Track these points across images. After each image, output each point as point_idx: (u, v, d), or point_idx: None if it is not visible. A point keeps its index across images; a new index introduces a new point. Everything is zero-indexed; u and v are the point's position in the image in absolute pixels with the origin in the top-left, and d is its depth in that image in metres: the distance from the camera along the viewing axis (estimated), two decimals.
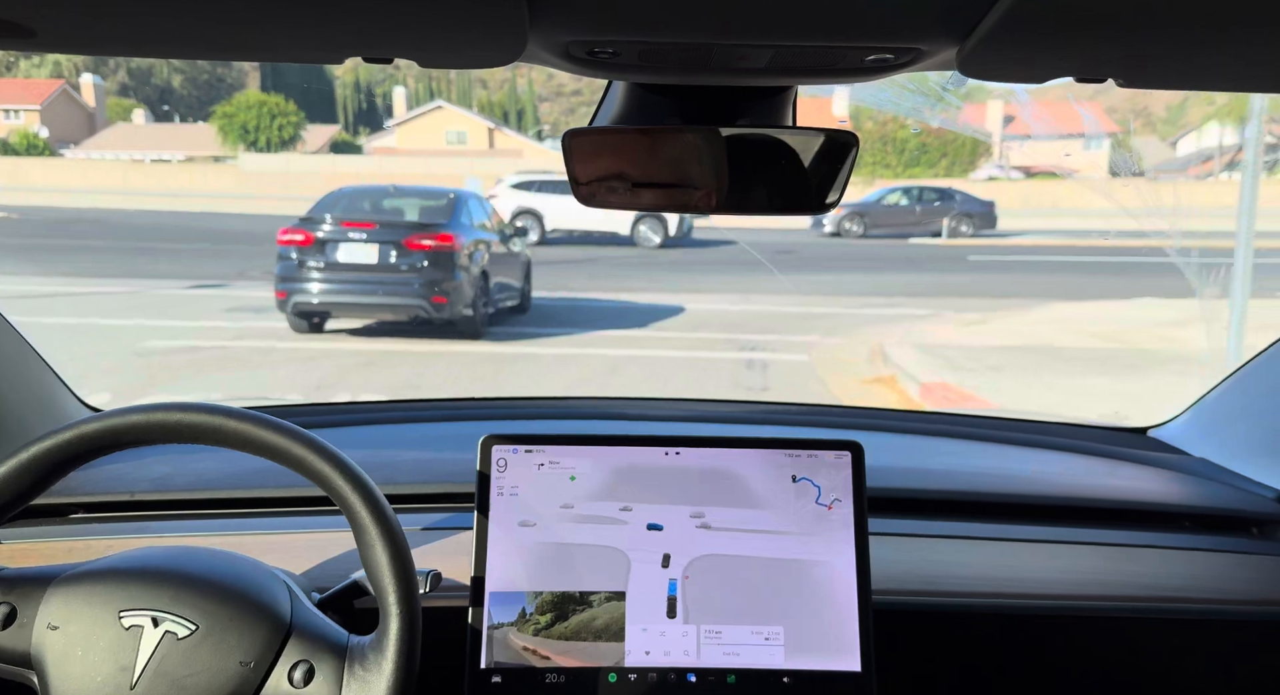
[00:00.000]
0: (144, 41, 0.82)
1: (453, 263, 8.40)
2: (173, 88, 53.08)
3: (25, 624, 0.92)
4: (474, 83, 53.15)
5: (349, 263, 8.34)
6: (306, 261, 8.29)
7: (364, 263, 8.34)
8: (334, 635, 0.94)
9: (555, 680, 1.08)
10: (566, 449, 1.15)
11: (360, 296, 8.43)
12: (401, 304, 8.48)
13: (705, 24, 0.76)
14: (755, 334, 9.30)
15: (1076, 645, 1.24)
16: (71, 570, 0.96)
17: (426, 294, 8.31)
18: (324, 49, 0.80)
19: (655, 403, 1.80)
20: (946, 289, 12.46)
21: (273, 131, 40.06)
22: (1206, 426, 1.65)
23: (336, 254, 8.35)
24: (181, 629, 0.90)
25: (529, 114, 53.18)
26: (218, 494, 1.36)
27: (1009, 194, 26.80)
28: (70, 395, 1.56)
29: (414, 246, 8.36)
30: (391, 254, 8.33)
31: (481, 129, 44.24)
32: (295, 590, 0.98)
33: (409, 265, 8.33)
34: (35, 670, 0.92)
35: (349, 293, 8.40)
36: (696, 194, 1.07)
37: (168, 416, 0.92)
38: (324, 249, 8.33)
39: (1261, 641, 1.27)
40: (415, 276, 8.34)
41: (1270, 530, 1.41)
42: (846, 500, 1.14)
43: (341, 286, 8.39)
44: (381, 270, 8.34)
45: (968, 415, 1.79)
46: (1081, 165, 28.37)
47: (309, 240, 8.35)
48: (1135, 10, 0.65)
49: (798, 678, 1.09)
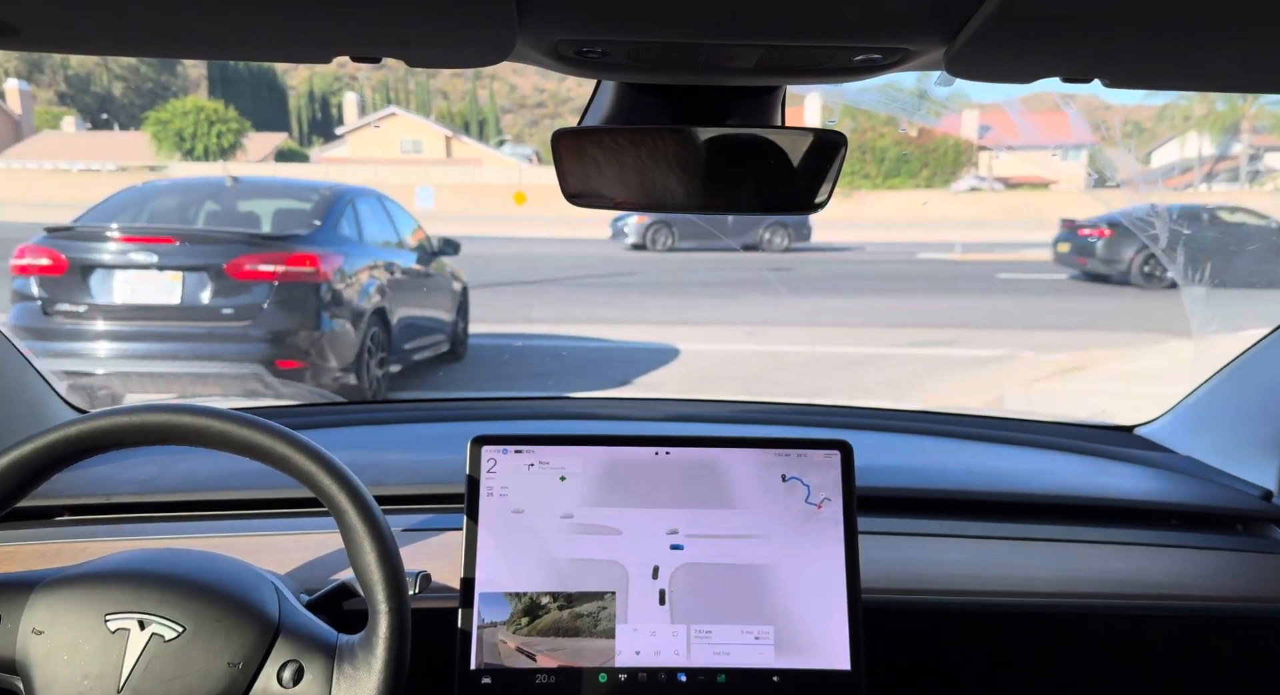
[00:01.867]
0: (129, 40, 0.84)
1: (316, 299, 5.30)
2: (113, 96, 52.56)
3: (10, 629, 0.94)
4: (434, 93, 53.08)
5: (133, 304, 5.17)
6: (58, 303, 5.15)
7: (158, 303, 5.17)
8: (323, 635, 0.97)
9: (545, 681, 1.12)
10: (556, 449, 1.20)
11: (150, 362, 5.14)
12: (222, 373, 5.20)
13: (694, 24, 0.79)
14: (789, 392, 7.23)
15: (1064, 642, 1.29)
16: (56, 575, 0.98)
17: (266, 354, 5.16)
18: (311, 48, 0.82)
19: (645, 403, 1.85)
20: (984, 317, 10.87)
21: (211, 139, 38.84)
22: (1192, 424, 1.71)
23: (111, 290, 5.17)
24: (168, 631, 0.93)
25: (490, 125, 53.17)
26: (204, 496, 1.39)
27: (992, 206, 26.99)
28: (56, 397, 1.60)
29: (242, 275, 5.19)
30: (205, 289, 5.19)
31: (439, 137, 43.74)
32: (283, 590, 1.01)
33: (235, 306, 5.18)
34: (20, 675, 0.94)
35: (132, 356, 5.15)
36: (685, 193, 1.10)
37: (154, 418, 0.96)
38: (87, 282, 5.16)
39: (1247, 637, 1.32)
40: (246, 325, 5.17)
41: (1255, 527, 1.47)
42: (836, 499, 1.19)
43: (120, 346, 5.15)
44: (188, 316, 5.18)
45: (955, 414, 1.84)
46: (1059, 176, 28.78)
47: (61, 267, 5.15)
48: (1122, 11, 0.69)
49: (788, 677, 1.14)
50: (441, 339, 7.14)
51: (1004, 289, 13.57)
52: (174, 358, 5.15)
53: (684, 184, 1.09)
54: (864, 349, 8.80)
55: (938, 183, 29.39)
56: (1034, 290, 13.32)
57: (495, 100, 55.90)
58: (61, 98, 51.60)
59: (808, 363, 8.27)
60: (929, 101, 2.57)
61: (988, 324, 10.34)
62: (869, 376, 7.79)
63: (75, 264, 5.13)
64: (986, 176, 30.27)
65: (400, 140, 41.72)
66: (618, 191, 1.09)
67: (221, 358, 5.16)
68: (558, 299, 11.73)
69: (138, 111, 47.57)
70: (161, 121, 39.86)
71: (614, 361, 8.11)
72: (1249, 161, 26.34)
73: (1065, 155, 28.06)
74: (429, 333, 6.92)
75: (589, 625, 1.14)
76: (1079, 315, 11.36)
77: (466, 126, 50.63)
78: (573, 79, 1.07)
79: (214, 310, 5.15)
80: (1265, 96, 22.31)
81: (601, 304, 11.14)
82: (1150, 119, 20.12)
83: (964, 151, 29.59)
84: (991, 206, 26.83)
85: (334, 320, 5.39)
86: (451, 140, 43.63)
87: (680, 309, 11.05)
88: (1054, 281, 14.13)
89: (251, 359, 5.15)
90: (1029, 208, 26.18)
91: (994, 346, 9.04)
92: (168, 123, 39.62)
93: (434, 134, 43.76)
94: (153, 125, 40.21)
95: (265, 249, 5.30)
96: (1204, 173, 24.89)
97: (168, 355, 5.12)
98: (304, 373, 5.25)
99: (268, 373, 5.15)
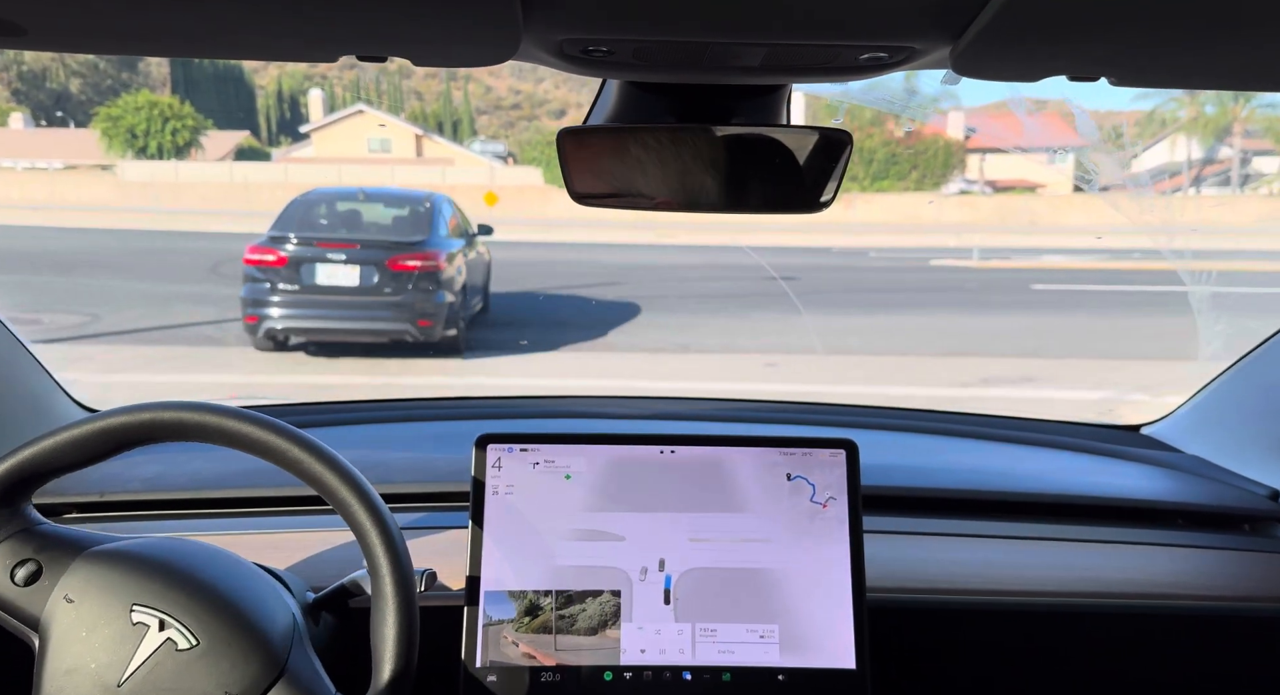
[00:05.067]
0: (135, 40, 0.86)
1: (437, 283, 8.42)
2: (70, 92, 52.06)
3: (46, 587, 0.98)
4: (408, 93, 52.98)
5: (329, 285, 8.26)
6: (279, 284, 8.22)
7: (345, 285, 8.27)
8: (322, 691, 0.99)
9: (551, 679, 1.16)
10: (562, 448, 1.23)
11: (342, 321, 8.36)
12: (385, 328, 8.41)
13: (700, 23, 0.81)
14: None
15: (1070, 642, 1.33)
16: (102, 546, 1.02)
17: (412, 318, 8.31)
18: (316, 47, 0.84)
19: (650, 401, 1.88)
20: (1047, 340, 9.39)
21: (165, 136, 36.99)
22: (1199, 424, 1.75)
23: (315, 276, 8.26)
24: (183, 640, 0.96)
25: (465, 126, 53.08)
26: (211, 493, 1.43)
27: (984, 209, 27.03)
28: (64, 395, 1.63)
29: (398, 268, 8.30)
30: (375, 276, 8.30)
31: (408, 136, 43.40)
32: (301, 630, 1.03)
33: (393, 288, 8.31)
34: (39, 636, 0.98)
35: (329, 318, 8.35)
36: (691, 193, 1.13)
37: (163, 415, 0.99)
38: (299, 270, 8.24)
39: (1253, 637, 1.36)
40: (400, 299, 8.31)
41: (1263, 527, 1.51)
42: (841, 498, 1.23)
43: (321, 311, 8.33)
44: (364, 293, 8.31)
45: (961, 414, 1.88)
46: (1046, 179, 28.91)
47: (282, 261, 8.24)
48: (1128, 9, 0.71)
49: (793, 675, 1.17)
50: (480, 299, 10.06)
51: (1045, 303, 12.23)
52: (354, 319, 8.36)
53: (689, 183, 1.11)
54: (925, 391, 7.24)
55: (927, 185, 29.43)
56: (1081, 304, 12.01)
57: (470, 101, 55.85)
58: (16, 95, 51.14)
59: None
60: (918, 97, 2.59)
61: (1057, 350, 8.81)
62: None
63: (291, 259, 8.25)
64: (977, 179, 30.41)
65: (368, 139, 41.26)
66: (623, 191, 1.12)
67: (384, 319, 8.36)
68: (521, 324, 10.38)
69: (94, 109, 46.88)
70: (112, 118, 37.96)
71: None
72: (1240, 165, 26.61)
73: (1053, 159, 28.28)
74: (478, 294, 9.88)
75: (594, 624, 1.18)
76: (1155, 338, 9.43)
77: (440, 127, 50.44)
78: (549, 81, 1.08)
79: (379, 289, 8.32)
80: (1257, 99, 22.02)
81: (583, 325, 10.16)
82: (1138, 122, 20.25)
83: (954, 153, 29.67)
84: (984, 210, 26.83)
85: (445, 294, 8.44)
86: (422, 139, 43.24)
87: (680, 330, 9.95)
88: (1097, 294, 12.79)
89: (403, 320, 8.29)
90: (1022, 211, 26.27)
91: (1086, 384, 7.58)
92: (119, 119, 37.76)
93: (405, 133, 43.41)
94: (103, 121, 38.34)
95: (408, 250, 8.50)
96: (1193, 176, 25.08)
97: (350, 318, 8.36)
98: (430, 329, 8.33)
99: (413, 327, 8.31)
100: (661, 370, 8.45)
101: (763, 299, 11.97)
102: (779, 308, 11.25)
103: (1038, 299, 12.50)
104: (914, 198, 27.78)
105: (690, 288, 13.10)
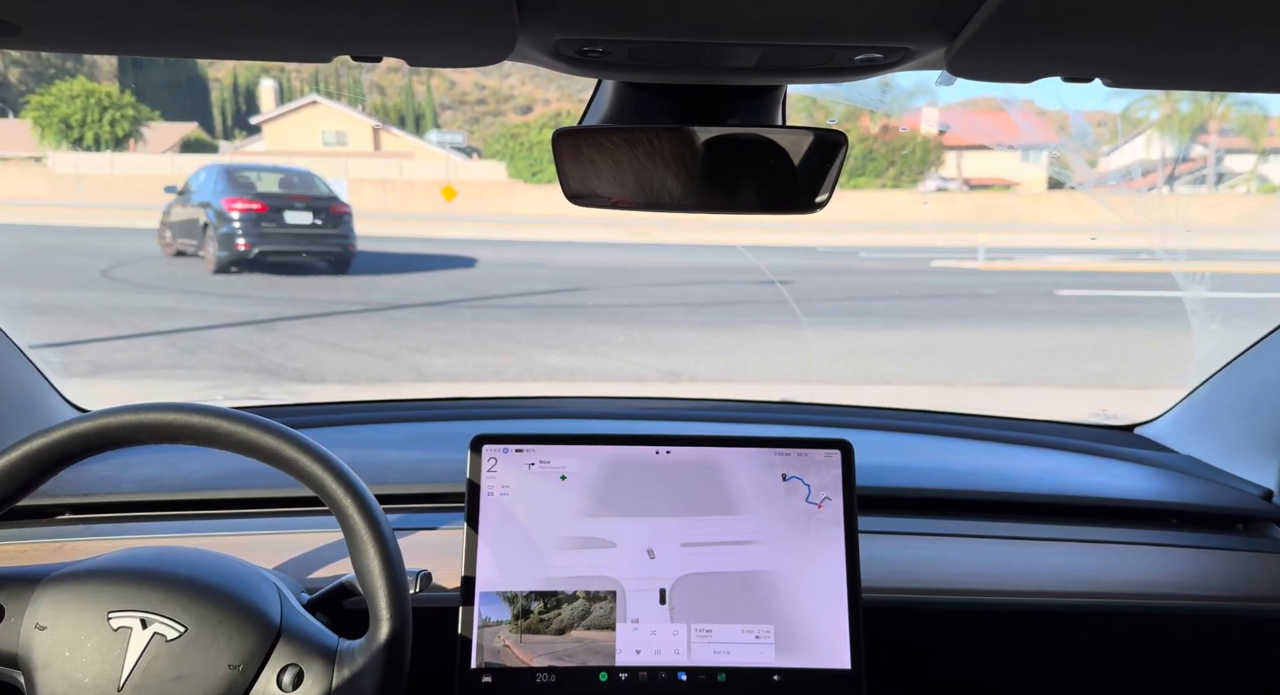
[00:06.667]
0: (131, 40, 0.88)
1: (349, 222, 13.45)
2: (9, 82, 51.21)
3: (13, 624, 0.99)
4: (371, 87, 52.57)
5: (292, 223, 12.96)
6: (261, 223, 12.76)
7: (304, 223, 13.04)
8: (324, 639, 1.02)
9: (546, 680, 1.18)
10: (557, 448, 1.26)
11: (303, 246, 13.23)
12: (328, 251, 13.37)
13: (695, 24, 0.83)
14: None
15: (1064, 641, 1.36)
16: (60, 570, 1.03)
17: (344, 243, 13.36)
18: (312, 47, 0.86)
19: (646, 402, 1.92)
20: (1114, 365, 8.17)
21: (103, 127, 35.41)
22: (1193, 424, 1.79)
23: (285, 219, 12.91)
24: (170, 631, 0.98)
25: (428, 120, 52.76)
26: (206, 495, 1.45)
27: (963, 207, 27.22)
28: (56, 395, 1.64)
29: (334, 212, 13.27)
30: (321, 217, 13.15)
31: (365, 129, 42.82)
32: (285, 593, 1.06)
33: (331, 224, 13.26)
34: (22, 671, 0.99)
35: (293, 245, 13.09)
36: (685, 193, 1.15)
37: (158, 416, 1.01)
38: (275, 214, 12.86)
39: (1247, 637, 1.40)
40: (338, 232, 13.32)
41: (1256, 527, 1.55)
42: (836, 498, 1.26)
43: (289, 244, 13.05)
44: (316, 229, 13.15)
45: (956, 414, 1.92)
46: (1022, 177, 29.17)
47: (263, 207, 12.79)
48: (1123, 10, 0.73)
49: (788, 676, 1.20)
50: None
51: (1079, 312, 11.15)
52: (310, 243, 13.28)
53: (685, 184, 1.13)
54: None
55: (905, 182, 29.63)
56: (1124, 313, 10.90)
57: (434, 96, 55.58)
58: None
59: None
60: (892, 91, 2.62)
61: (1128, 377, 7.51)
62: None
63: (270, 206, 12.87)
64: (954, 177, 30.63)
65: (322, 131, 40.66)
66: (618, 191, 1.14)
67: (328, 244, 13.38)
68: (462, 341, 8.98)
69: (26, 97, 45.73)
70: (45, 107, 35.95)
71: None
72: (1216, 163, 26.96)
73: (1026, 156, 28.55)
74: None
75: (589, 624, 1.20)
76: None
77: (402, 121, 50.08)
78: (515, 76, 1.10)
79: (323, 226, 13.22)
80: (1233, 97, 22.19)
81: (546, 345, 8.80)
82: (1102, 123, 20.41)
83: (932, 150, 29.87)
84: (962, 207, 27.00)
85: (351, 224, 13.56)
86: (380, 132, 42.71)
87: (666, 352, 8.41)
88: (1127, 300, 11.82)
89: (337, 244, 13.34)
90: (1000, 209, 26.47)
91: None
92: (52, 108, 35.84)
93: (361, 125, 42.86)
94: (34, 111, 36.30)
95: (338, 202, 13.62)
96: (1167, 174, 25.36)
97: (307, 244, 13.27)
98: (352, 252, 13.47)
99: (344, 250, 13.37)
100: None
101: (757, 308, 11.00)
102: (778, 316, 10.32)
103: (1068, 307, 11.53)
104: (891, 195, 27.91)
105: (671, 293, 12.13)
